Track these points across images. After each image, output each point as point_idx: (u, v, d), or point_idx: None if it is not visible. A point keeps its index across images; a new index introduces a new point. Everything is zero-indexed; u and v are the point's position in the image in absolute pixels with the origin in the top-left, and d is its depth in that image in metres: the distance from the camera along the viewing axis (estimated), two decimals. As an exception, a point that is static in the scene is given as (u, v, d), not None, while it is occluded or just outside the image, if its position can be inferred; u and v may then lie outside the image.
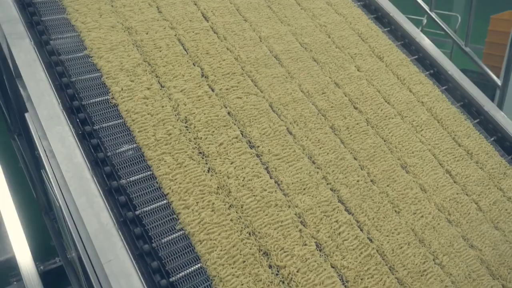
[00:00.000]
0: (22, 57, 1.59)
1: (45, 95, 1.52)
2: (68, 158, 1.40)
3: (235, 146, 1.58)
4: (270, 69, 1.85)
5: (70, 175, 1.37)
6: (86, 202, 1.32)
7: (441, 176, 1.79)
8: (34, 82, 1.54)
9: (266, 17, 2.04)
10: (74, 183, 1.35)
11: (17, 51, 1.60)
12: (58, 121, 1.46)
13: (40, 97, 1.51)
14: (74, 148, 1.42)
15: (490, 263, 1.63)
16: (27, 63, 1.58)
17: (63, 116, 1.48)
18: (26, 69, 1.57)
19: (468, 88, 2.16)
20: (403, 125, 1.89)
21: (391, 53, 2.14)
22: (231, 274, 1.31)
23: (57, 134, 1.44)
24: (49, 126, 1.45)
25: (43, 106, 1.49)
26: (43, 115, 1.47)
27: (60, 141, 1.43)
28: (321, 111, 1.80)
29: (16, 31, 1.66)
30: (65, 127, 1.46)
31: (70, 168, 1.38)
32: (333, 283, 1.39)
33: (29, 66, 1.57)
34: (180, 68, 1.71)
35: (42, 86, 1.53)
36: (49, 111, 1.48)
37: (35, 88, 1.53)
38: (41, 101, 1.50)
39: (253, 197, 1.48)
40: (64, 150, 1.41)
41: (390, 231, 1.57)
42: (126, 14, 1.81)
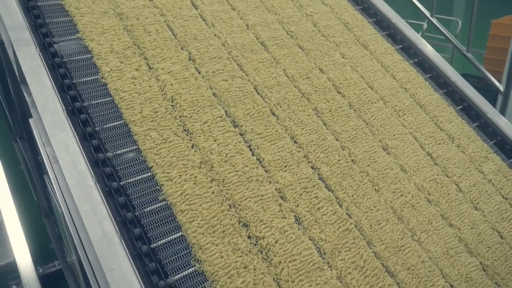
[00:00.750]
0: (28, 63, 1.61)
1: (49, 101, 1.52)
2: (72, 165, 1.40)
3: (219, 124, 1.64)
4: (256, 55, 1.91)
5: (73, 182, 1.37)
6: (90, 210, 1.32)
7: (422, 158, 1.84)
8: (39, 88, 1.55)
9: (253, 7, 2.11)
10: (78, 190, 1.35)
11: (23, 57, 1.62)
12: (62, 127, 1.47)
13: (45, 103, 1.52)
14: (78, 155, 1.42)
15: (468, 241, 1.66)
16: (33, 69, 1.60)
17: (67, 122, 1.48)
18: (31, 75, 1.58)
19: (470, 94, 2.18)
20: (386, 109, 1.94)
21: (376, 41, 2.20)
22: (211, 243, 1.36)
23: (61, 141, 1.44)
24: (53, 133, 1.46)
25: (47, 113, 1.50)
26: (47, 121, 1.48)
27: (64, 148, 1.43)
28: (304, 94, 1.85)
29: (22, 38, 1.68)
30: (69, 133, 1.46)
31: (73, 175, 1.38)
32: (311, 254, 1.43)
33: (34, 72, 1.59)
34: (168, 51, 1.78)
35: (47, 92, 1.54)
36: (53, 118, 1.49)
37: (40, 94, 1.54)
38: (45, 107, 1.51)
39: (235, 172, 1.53)
40: (68, 157, 1.41)
41: (369, 207, 1.61)
42: (118, 1, 1.88)
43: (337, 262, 1.44)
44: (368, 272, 1.46)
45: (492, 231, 1.72)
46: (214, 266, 1.32)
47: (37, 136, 1.53)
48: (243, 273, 1.33)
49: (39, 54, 1.62)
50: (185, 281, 1.30)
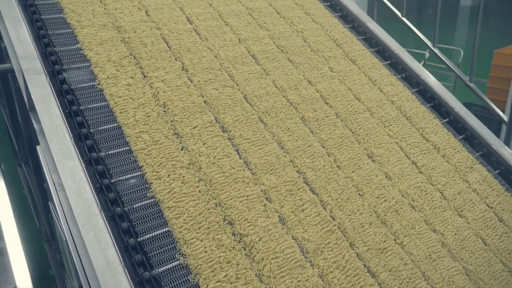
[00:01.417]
0: (38, 92, 1.67)
1: (58, 130, 1.57)
2: (78, 193, 1.42)
3: (209, 129, 1.74)
4: (247, 66, 2.03)
5: (79, 210, 1.39)
6: (94, 238, 1.34)
7: (407, 166, 1.92)
8: (47, 117, 1.60)
9: (246, 23, 2.25)
10: (83, 219, 1.38)
11: (33, 86, 1.68)
12: (69, 155, 1.51)
13: (53, 131, 1.56)
14: (84, 183, 1.45)
15: (451, 246, 1.72)
16: (42, 98, 1.65)
17: (74, 151, 1.52)
18: (41, 103, 1.63)
19: (474, 125, 2.23)
20: (372, 119, 2.03)
21: (364, 57, 2.32)
22: (196, 238, 1.44)
23: (68, 169, 1.47)
24: (61, 161, 1.49)
25: (55, 141, 1.54)
26: (55, 149, 1.51)
27: (70, 176, 1.46)
28: (292, 104, 1.96)
29: (33, 67, 1.75)
30: (75, 161, 1.50)
31: (79, 203, 1.41)
32: (293, 252, 1.50)
33: (44, 101, 1.64)
34: (163, 61, 1.90)
35: (55, 121, 1.59)
36: (61, 146, 1.53)
37: (48, 123, 1.58)
38: (54, 135, 1.55)
39: (222, 174, 1.62)
40: (74, 185, 1.44)
41: (353, 211, 1.68)
42: (117, 16, 2.02)
43: (319, 261, 1.51)
44: (350, 272, 1.51)
45: (476, 238, 1.77)
46: (198, 260, 1.39)
47: (44, 163, 1.57)
48: (226, 268, 1.40)
49: (49, 83, 1.70)
50: (169, 274, 1.36)
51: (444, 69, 3.21)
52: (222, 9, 2.28)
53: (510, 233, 1.85)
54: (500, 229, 1.84)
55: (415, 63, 2.48)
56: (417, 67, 2.45)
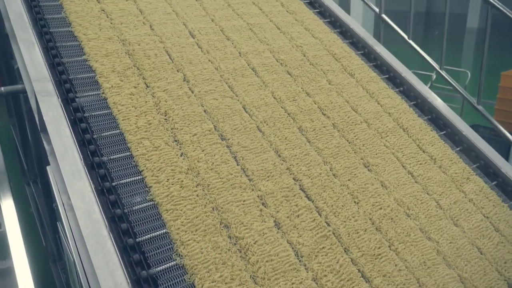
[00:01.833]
0: (50, 114, 1.71)
1: (68, 151, 1.61)
2: (87, 214, 1.45)
3: (208, 137, 1.81)
4: (246, 78, 2.11)
5: (88, 232, 1.41)
6: (102, 260, 1.36)
7: (403, 176, 1.97)
8: (59, 139, 1.64)
9: (247, 37, 2.35)
10: (91, 240, 1.39)
11: (45, 107, 1.73)
12: (79, 176, 1.54)
13: (64, 153, 1.60)
14: (93, 204, 1.47)
15: (446, 254, 1.75)
16: (54, 120, 1.70)
17: (84, 172, 1.55)
18: (52, 125, 1.68)
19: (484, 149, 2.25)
20: (369, 130, 2.10)
21: (362, 71, 2.40)
22: (192, 239, 1.49)
23: (78, 190, 1.50)
24: (71, 182, 1.52)
25: (66, 162, 1.57)
26: (65, 170, 1.54)
27: (80, 197, 1.49)
28: (290, 114, 2.03)
29: (46, 90, 1.80)
30: (85, 182, 1.53)
31: (88, 224, 1.43)
32: (288, 256, 1.54)
33: (55, 122, 1.69)
34: (165, 73, 2.00)
35: (66, 143, 1.63)
36: (71, 167, 1.56)
37: (59, 144, 1.62)
38: (64, 157, 1.58)
39: (220, 179, 1.69)
40: (84, 206, 1.47)
41: (348, 217, 1.73)
42: (122, 30, 2.13)
43: (313, 264, 1.55)
44: (344, 276, 1.55)
45: (471, 247, 1.81)
46: (194, 260, 1.44)
47: (54, 183, 1.60)
48: (221, 268, 1.45)
49: (61, 105, 1.75)
50: (166, 273, 1.42)
51: (451, 91, 3.17)
52: (224, 24, 2.38)
53: (506, 243, 1.88)
54: (496, 238, 1.87)
55: (422, 87, 2.50)
56: (424, 90, 2.48)
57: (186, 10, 2.39)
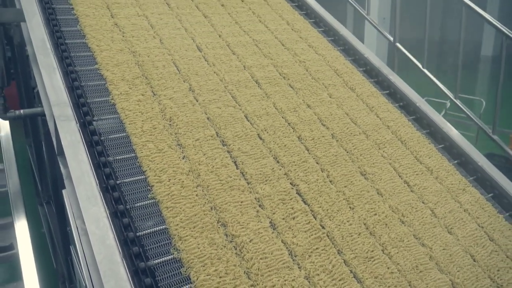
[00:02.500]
0: (68, 139, 1.76)
1: (85, 176, 1.64)
2: (101, 240, 1.47)
3: (209, 142, 1.92)
4: (250, 90, 2.24)
5: (101, 257, 1.43)
6: (115, 286, 1.38)
7: (399, 184, 2.04)
8: (76, 163, 1.68)
9: (252, 52, 2.49)
10: (105, 266, 1.42)
11: (64, 132, 1.79)
12: (94, 201, 1.57)
13: (80, 177, 1.63)
14: (107, 230, 1.50)
15: (439, 260, 1.81)
16: (72, 144, 1.75)
17: (99, 197, 1.58)
18: (70, 150, 1.72)
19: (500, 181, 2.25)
20: (367, 141, 2.19)
21: (363, 86, 2.51)
22: (190, 235, 1.59)
23: (93, 215, 1.53)
24: (86, 206, 1.55)
25: (82, 187, 1.60)
26: (81, 195, 1.58)
27: (95, 222, 1.51)
28: (290, 124, 2.14)
29: (65, 114, 1.86)
30: (100, 208, 1.55)
31: (102, 250, 1.45)
32: (282, 254, 1.62)
33: (73, 147, 1.74)
34: (172, 82, 2.13)
35: (83, 167, 1.67)
36: (87, 192, 1.59)
37: (76, 169, 1.66)
38: (81, 181, 1.62)
39: (219, 181, 1.79)
40: (98, 232, 1.49)
41: (342, 221, 1.81)
42: (133, 42, 2.29)
43: (306, 264, 1.62)
44: (336, 275, 1.62)
45: (464, 254, 1.86)
46: (191, 255, 1.53)
47: (69, 207, 1.65)
48: (216, 263, 1.53)
49: (79, 130, 1.81)
50: (163, 266, 1.51)
51: (466, 118, 3.15)
52: (230, 40, 2.53)
53: (500, 252, 1.92)
54: (490, 247, 1.92)
55: (437, 116, 2.51)
56: (439, 119, 2.50)
57: (195, 26, 2.55)
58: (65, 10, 2.44)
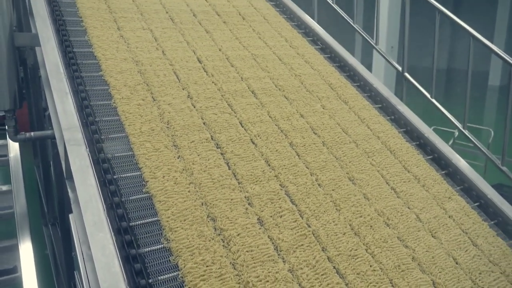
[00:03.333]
0: (77, 163, 1.78)
1: (92, 200, 1.65)
2: (106, 267, 1.47)
3: (204, 144, 2.05)
4: (246, 99, 2.38)
5: (106, 285, 1.43)
6: None
7: (386, 190, 2.14)
8: (84, 188, 1.69)
9: (250, 65, 2.64)
10: None
11: (73, 156, 1.81)
12: (101, 227, 1.57)
13: (88, 202, 1.64)
14: (113, 257, 1.50)
15: (422, 261, 1.89)
16: (81, 169, 1.77)
17: (106, 223, 1.59)
18: (79, 174, 1.74)
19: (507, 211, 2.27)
20: (356, 150, 2.30)
21: (356, 99, 2.64)
22: (180, 227, 1.70)
23: (99, 241, 1.53)
24: (93, 233, 1.55)
25: (89, 212, 1.61)
26: (88, 220, 1.58)
27: (101, 249, 1.51)
28: (283, 131, 2.27)
29: (75, 138, 1.89)
30: (107, 234, 1.55)
31: (107, 277, 1.45)
32: (267, 248, 1.72)
33: (82, 171, 1.76)
34: (171, 90, 2.28)
35: (91, 192, 1.68)
36: (94, 217, 1.60)
37: (84, 194, 1.67)
38: (88, 207, 1.63)
39: (211, 180, 1.91)
40: (104, 259, 1.49)
41: (328, 221, 1.91)
42: (137, 53, 2.46)
43: (290, 258, 1.72)
44: (319, 270, 1.71)
45: (447, 257, 1.94)
46: (180, 244, 1.64)
47: (75, 232, 1.67)
48: (204, 253, 1.63)
49: (88, 155, 1.83)
50: (154, 253, 1.61)
51: (474, 147, 3.14)
52: (230, 53, 2.70)
53: (483, 256, 2.00)
54: (473, 251, 2.00)
55: (445, 146, 2.57)
56: (447, 150, 2.54)
57: (197, 40, 2.72)
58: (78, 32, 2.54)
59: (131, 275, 1.52)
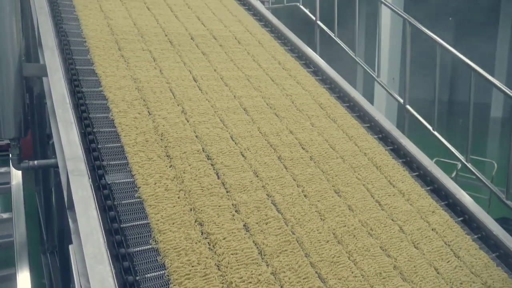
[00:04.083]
0: (79, 194, 1.79)
1: (93, 232, 1.64)
2: None
3: (195, 155, 2.18)
4: (237, 115, 2.52)
5: None
6: None
7: (370, 203, 2.24)
8: (85, 219, 1.69)
9: (243, 85, 2.79)
10: None
11: (76, 187, 1.82)
12: (101, 260, 1.57)
13: (89, 234, 1.64)
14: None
15: (403, 269, 1.96)
16: (83, 200, 1.77)
17: (106, 255, 1.58)
18: (80, 205, 1.75)
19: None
20: (343, 165, 2.41)
21: (344, 118, 2.77)
22: (169, 230, 1.80)
23: (98, 273, 1.53)
24: (92, 265, 1.55)
25: (89, 244, 1.61)
26: (88, 252, 1.58)
27: (100, 282, 1.51)
28: (272, 145, 2.39)
29: (78, 169, 1.90)
30: (106, 267, 1.55)
31: None
32: (252, 252, 1.81)
33: (83, 202, 1.76)
34: (167, 105, 2.43)
35: (92, 224, 1.68)
36: (94, 250, 1.59)
37: (85, 225, 1.67)
38: (88, 239, 1.62)
39: (201, 188, 2.02)
40: None
41: (312, 229, 2.00)
42: (136, 71, 2.62)
43: (274, 262, 1.80)
44: (301, 274, 1.79)
45: (428, 266, 2.01)
46: (167, 245, 1.73)
47: (74, 264, 1.66)
48: (190, 254, 1.73)
49: (91, 186, 1.84)
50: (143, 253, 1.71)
51: (478, 180, 3.14)
52: (224, 74, 2.85)
53: (464, 268, 2.07)
54: (455, 263, 2.07)
55: (449, 181, 2.58)
56: (452, 185, 2.55)
57: (193, 61, 2.89)
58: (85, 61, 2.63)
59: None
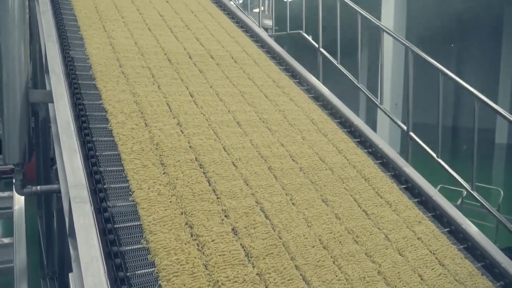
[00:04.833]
0: (81, 222, 1.80)
1: (94, 261, 1.65)
2: None
3: (188, 164, 2.30)
4: (231, 128, 2.65)
5: None
6: None
7: (357, 212, 2.34)
8: (86, 248, 1.70)
9: (237, 101, 2.94)
10: None
11: (77, 215, 1.83)
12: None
13: (89, 263, 1.64)
14: None
15: (387, 275, 2.04)
16: (84, 228, 1.78)
17: (106, 285, 1.59)
18: (82, 232, 1.75)
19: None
20: (332, 176, 2.52)
21: (335, 133, 2.89)
22: (159, 231, 1.90)
23: None
24: None
25: (90, 273, 1.61)
26: (88, 282, 1.58)
27: None
28: (263, 157, 2.51)
29: (80, 196, 1.92)
30: None
31: None
32: (239, 254, 1.91)
33: (85, 230, 1.77)
34: (163, 118, 2.57)
35: (93, 252, 1.69)
36: (94, 279, 1.59)
37: (86, 254, 1.67)
38: (89, 268, 1.63)
39: (192, 194, 2.13)
40: None
41: (299, 235, 2.10)
42: (135, 86, 2.78)
43: (260, 263, 1.90)
44: (286, 276, 1.88)
45: (412, 273, 2.09)
46: (157, 245, 1.84)
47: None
48: (179, 254, 1.83)
49: (93, 214, 1.85)
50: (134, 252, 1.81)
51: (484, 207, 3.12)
52: (220, 90, 3.01)
53: (449, 275, 2.14)
54: (439, 270, 2.15)
55: (456, 212, 2.58)
56: (458, 216, 2.55)
57: (190, 78, 3.05)
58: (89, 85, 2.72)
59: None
